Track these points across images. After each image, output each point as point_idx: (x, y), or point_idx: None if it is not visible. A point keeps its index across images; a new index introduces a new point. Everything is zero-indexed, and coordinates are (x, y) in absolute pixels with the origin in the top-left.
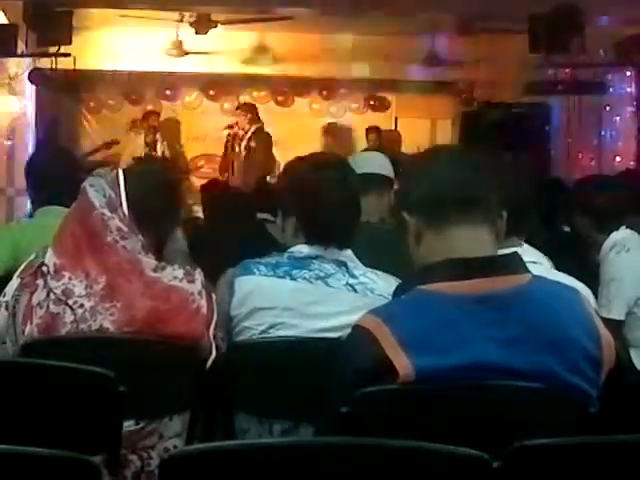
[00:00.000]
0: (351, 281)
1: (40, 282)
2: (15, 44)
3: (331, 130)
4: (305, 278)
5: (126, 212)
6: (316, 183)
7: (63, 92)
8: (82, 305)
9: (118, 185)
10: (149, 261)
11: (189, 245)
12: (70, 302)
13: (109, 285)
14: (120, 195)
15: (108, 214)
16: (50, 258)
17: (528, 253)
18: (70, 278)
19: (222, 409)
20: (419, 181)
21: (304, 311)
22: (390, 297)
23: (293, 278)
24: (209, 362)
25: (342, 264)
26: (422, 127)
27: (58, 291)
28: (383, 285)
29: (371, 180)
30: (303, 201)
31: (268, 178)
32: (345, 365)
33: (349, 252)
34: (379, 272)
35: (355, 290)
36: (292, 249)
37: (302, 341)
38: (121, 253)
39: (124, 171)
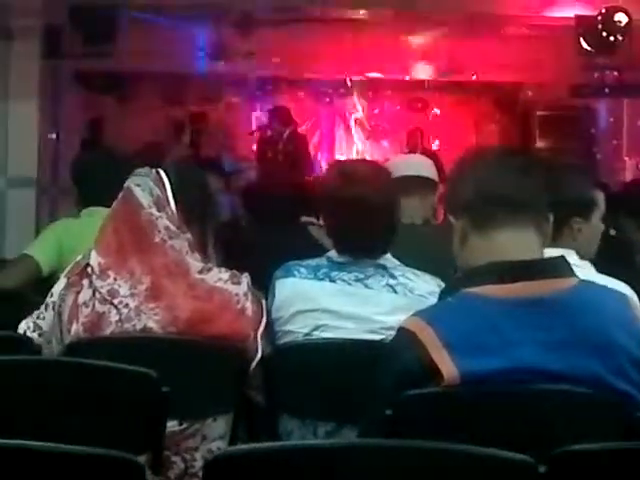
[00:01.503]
0: (391, 282)
1: (86, 282)
2: (60, 45)
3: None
4: (344, 280)
5: (174, 210)
6: (340, 200)
7: (106, 92)
8: (127, 305)
9: (163, 184)
10: (195, 263)
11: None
12: (115, 302)
13: (153, 285)
14: (167, 193)
15: (157, 213)
16: (94, 258)
17: (572, 256)
18: (115, 278)
19: (266, 411)
20: (465, 183)
21: (345, 313)
22: (429, 297)
23: (332, 280)
24: (253, 364)
25: (380, 266)
26: (466, 130)
27: (104, 291)
28: (422, 285)
29: (414, 183)
30: (332, 218)
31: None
32: (389, 367)
33: (387, 255)
34: (419, 272)
35: (395, 291)
36: (330, 253)
37: (346, 343)
38: (169, 253)
39: (166, 170)
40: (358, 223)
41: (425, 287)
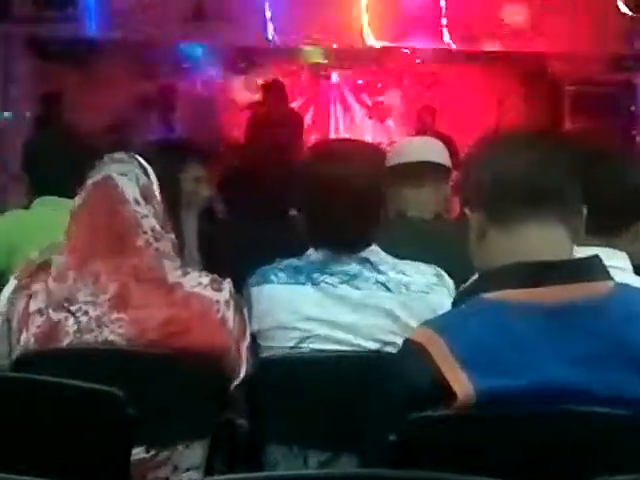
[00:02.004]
0: (381, 278)
1: (40, 285)
2: (10, 7)
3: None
4: (328, 282)
5: (161, 203)
6: (319, 181)
7: (66, 63)
8: (86, 312)
9: (146, 171)
10: (172, 265)
11: (207, 244)
12: (73, 309)
13: (120, 293)
14: (153, 183)
15: (143, 211)
16: (57, 256)
17: (609, 255)
18: (75, 280)
19: (248, 437)
20: (482, 171)
21: (334, 321)
22: (430, 291)
23: (315, 283)
24: (234, 384)
25: (365, 260)
26: (485, 108)
27: (61, 296)
28: (418, 278)
29: (424, 170)
30: (306, 202)
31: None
32: (394, 385)
33: (372, 247)
34: (412, 262)
35: (388, 289)
36: (309, 250)
37: (337, 356)
38: (148, 257)
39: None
40: (336, 208)
41: (422, 280)
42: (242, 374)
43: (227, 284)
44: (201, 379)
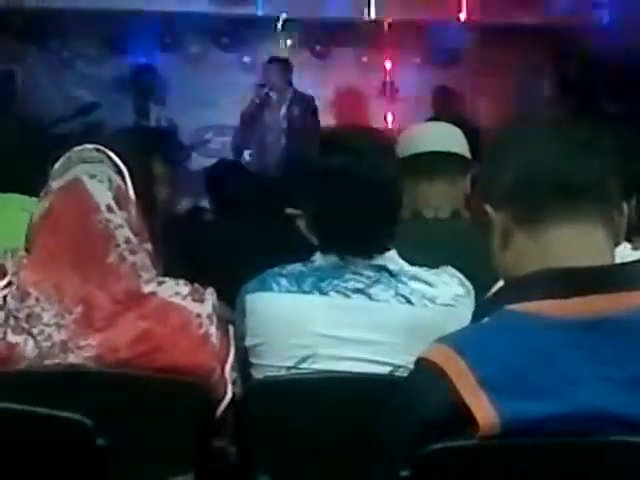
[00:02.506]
0: (402, 290)
1: None
2: None
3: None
4: (339, 291)
5: (135, 206)
6: (318, 174)
7: (22, 38)
8: (50, 337)
9: (120, 170)
10: (148, 275)
11: (192, 248)
12: (35, 331)
13: (88, 313)
14: (127, 184)
15: (117, 220)
16: (16, 268)
17: None
18: (38, 299)
19: (237, 470)
20: (506, 164)
21: (343, 336)
22: (457, 304)
23: (323, 292)
24: (221, 408)
25: (382, 268)
26: (505, 87)
27: (21, 315)
28: (445, 289)
29: (440, 161)
30: (312, 201)
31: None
32: (406, 412)
33: (391, 253)
34: (433, 270)
35: (409, 301)
36: (316, 255)
37: (344, 378)
38: (122, 273)
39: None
40: (345, 204)
41: (447, 291)
42: (229, 396)
43: (210, 295)
44: (182, 404)
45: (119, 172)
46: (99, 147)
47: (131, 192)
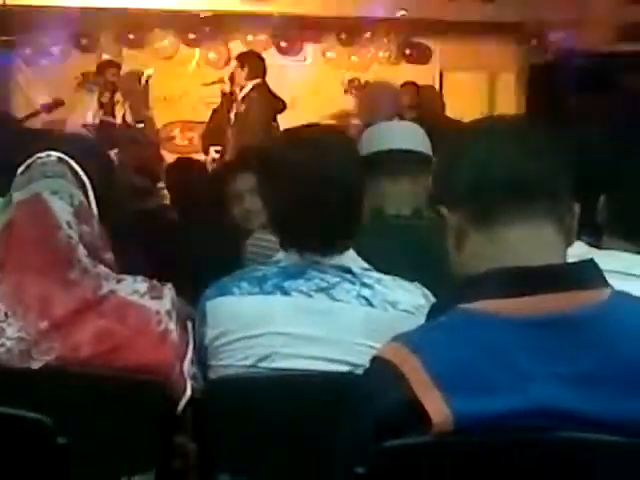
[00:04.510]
0: (364, 292)
1: None
2: None
3: (354, 89)
4: (302, 291)
5: (96, 218)
6: (281, 169)
7: None
8: (9, 350)
9: (84, 183)
10: (103, 273)
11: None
12: None
13: (51, 327)
14: (90, 198)
15: (76, 237)
16: None
17: (606, 259)
18: (7, 314)
19: (198, 468)
20: (461, 164)
21: (304, 335)
22: (416, 312)
23: (286, 292)
24: (181, 405)
25: (346, 270)
26: (476, 84)
27: None
28: (405, 296)
29: (403, 159)
30: (272, 198)
31: None
32: (361, 410)
33: (350, 253)
34: (398, 279)
35: (371, 304)
36: (279, 256)
37: (303, 376)
38: (85, 286)
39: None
40: (307, 202)
41: (409, 299)
42: (188, 393)
43: (168, 290)
44: (142, 402)
45: (82, 186)
46: (62, 157)
47: (93, 205)
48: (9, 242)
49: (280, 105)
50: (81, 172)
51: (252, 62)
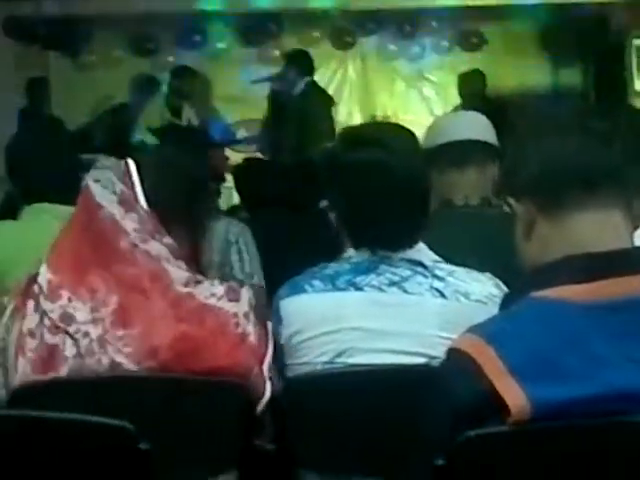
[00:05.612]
0: (436, 284)
1: (31, 303)
2: None
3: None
4: (374, 286)
5: (147, 210)
6: (348, 169)
7: (50, 45)
8: (87, 334)
9: (131, 177)
10: (178, 272)
11: None
12: (71, 330)
13: (122, 306)
14: (135, 190)
15: (121, 213)
16: (43, 274)
17: None
18: (70, 299)
19: (277, 464)
20: (530, 155)
21: (378, 329)
22: (489, 302)
23: (358, 288)
24: (261, 405)
25: (417, 263)
26: (537, 74)
27: (55, 315)
28: (479, 287)
29: (469, 150)
30: (339, 197)
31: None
32: (439, 402)
33: (421, 246)
34: (470, 270)
35: (443, 295)
36: (349, 252)
37: (380, 370)
38: (141, 261)
39: (136, 159)
40: (376, 200)
41: (481, 289)
42: (268, 394)
43: (246, 292)
44: (223, 404)
45: (129, 179)
46: (114, 159)
47: (140, 197)
48: (64, 231)
49: (333, 101)
50: (133, 168)
51: (302, 59)
